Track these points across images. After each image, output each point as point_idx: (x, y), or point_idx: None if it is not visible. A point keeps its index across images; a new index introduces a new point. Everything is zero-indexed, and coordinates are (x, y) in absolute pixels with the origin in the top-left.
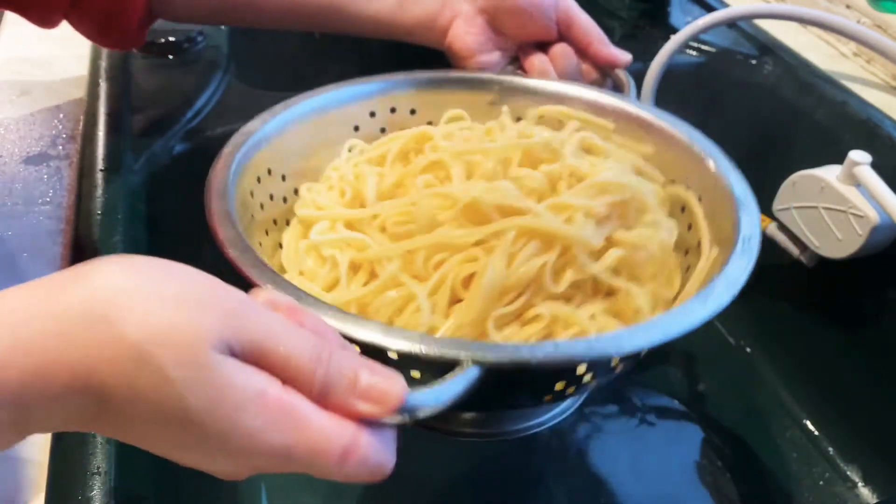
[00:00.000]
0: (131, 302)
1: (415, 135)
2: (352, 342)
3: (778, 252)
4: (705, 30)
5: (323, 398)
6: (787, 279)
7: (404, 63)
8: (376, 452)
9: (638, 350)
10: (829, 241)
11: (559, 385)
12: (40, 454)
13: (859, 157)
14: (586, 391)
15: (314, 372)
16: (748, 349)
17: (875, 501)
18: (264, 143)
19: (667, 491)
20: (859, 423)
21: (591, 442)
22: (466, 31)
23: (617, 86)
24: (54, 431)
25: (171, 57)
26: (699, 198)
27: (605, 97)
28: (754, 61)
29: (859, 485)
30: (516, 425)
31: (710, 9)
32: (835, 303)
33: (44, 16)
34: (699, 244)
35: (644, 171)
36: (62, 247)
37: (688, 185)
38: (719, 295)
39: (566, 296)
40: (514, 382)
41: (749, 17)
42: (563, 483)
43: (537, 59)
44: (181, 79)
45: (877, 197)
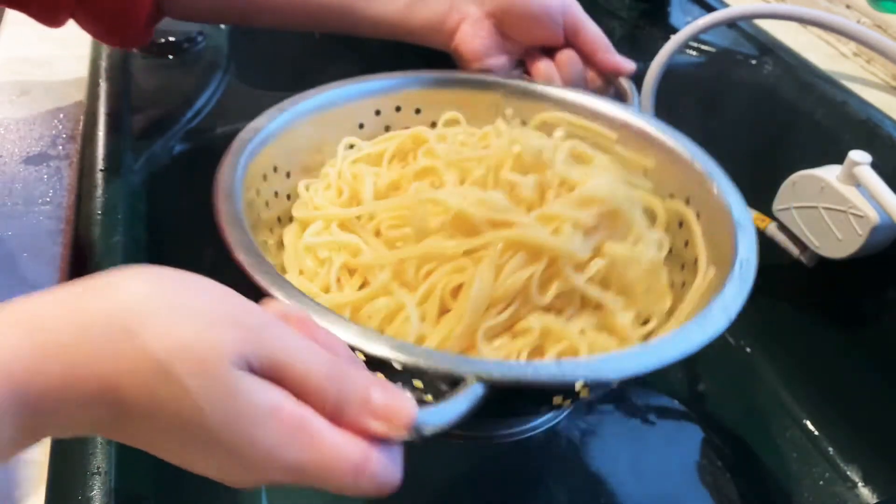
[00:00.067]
0: (155, 315)
1: (411, 135)
2: (356, 351)
3: (778, 252)
4: (705, 30)
5: (336, 416)
6: (787, 279)
7: (404, 63)
8: (385, 468)
9: (637, 374)
10: (829, 241)
11: (557, 399)
12: (40, 454)
13: (859, 157)
14: (582, 403)
15: (329, 390)
16: (748, 349)
17: (875, 501)
18: (271, 140)
19: (667, 491)
20: (859, 423)
21: (591, 442)
22: (474, 35)
23: (620, 94)
24: (69, 437)
25: (171, 57)
26: (698, 214)
27: (609, 106)
28: (754, 61)
29: (859, 485)
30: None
31: (710, 9)
32: (835, 303)
33: (50, 15)
34: (696, 261)
35: (631, 181)
36: (62, 247)
37: (687, 201)
38: (716, 320)
39: (557, 307)
40: (514, 397)
41: (749, 17)
42: (563, 483)
43: (543, 64)
44: (181, 79)
45: (877, 197)
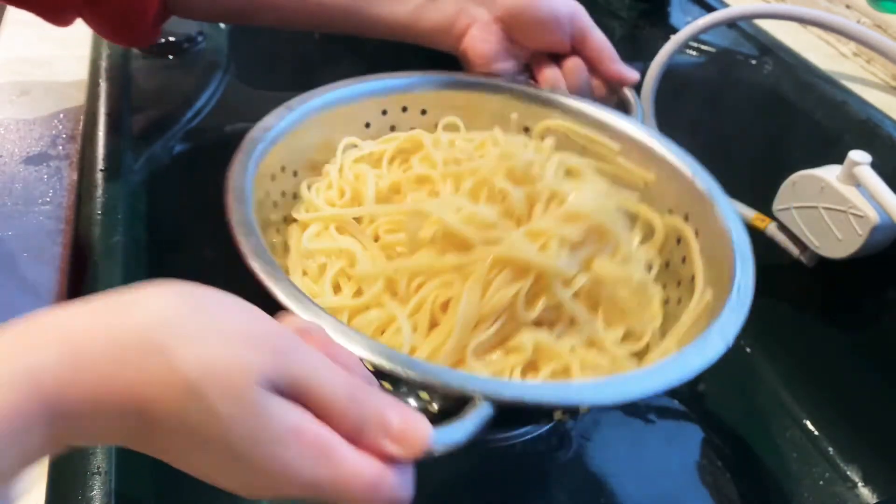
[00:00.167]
0: (186, 335)
1: (409, 138)
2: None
3: (778, 252)
4: (705, 30)
5: (355, 436)
6: (787, 279)
7: (404, 64)
8: (399, 487)
9: (639, 398)
10: (829, 241)
11: (557, 414)
12: None
13: (859, 157)
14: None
15: (349, 412)
16: (748, 349)
17: (875, 501)
18: (280, 139)
19: (667, 491)
20: (859, 423)
21: (591, 442)
22: (483, 39)
23: (623, 104)
24: (93, 446)
25: (171, 57)
26: (696, 232)
27: (613, 117)
28: (754, 61)
29: (859, 485)
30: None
31: (710, 9)
32: (835, 303)
33: (58, 14)
34: (693, 278)
35: (620, 195)
36: (62, 247)
37: (686, 218)
38: (715, 346)
39: (549, 322)
40: (518, 414)
41: (749, 17)
42: (563, 483)
43: (550, 71)
44: (181, 79)
45: (877, 197)
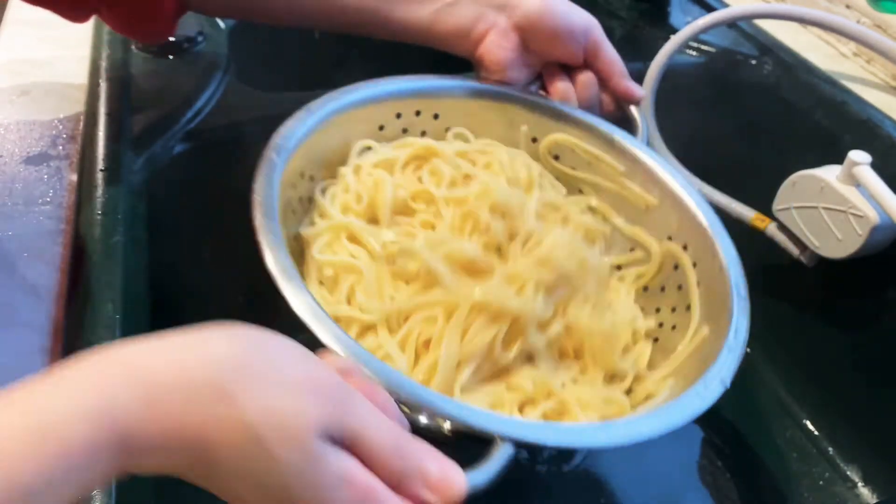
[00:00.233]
0: (252, 382)
1: (423, 146)
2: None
3: (778, 252)
4: (705, 30)
5: (397, 484)
6: (787, 279)
7: (405, 64)
8: None
9: (648, 439)
10: (829, 241)
11: None
12: None
13: (859, 157)
14: None
15: (393, 462)
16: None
17: (875, 501)
18: (300, 145)
19: (667, 491)
20: (859, 423)
21: None
22: (500, 45)
23: (630, 123)
24: (149, 475)
25: (171, 57)
26: (694, 263)
27: (621, 137)
28: (754, 61)
29: (859, 485)
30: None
31: (710, 9)
32: (835, 303)
33: (75, 11)
34: (688, 307)
35: (603, 236)
36: (62, 247)
37: (685, 247)
38: (714, 389)
39: (550, 346)
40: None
41: (749, 17)
42: (563, 483)
43: (562, 84)
44: (181, 79)
45: (876, 197)
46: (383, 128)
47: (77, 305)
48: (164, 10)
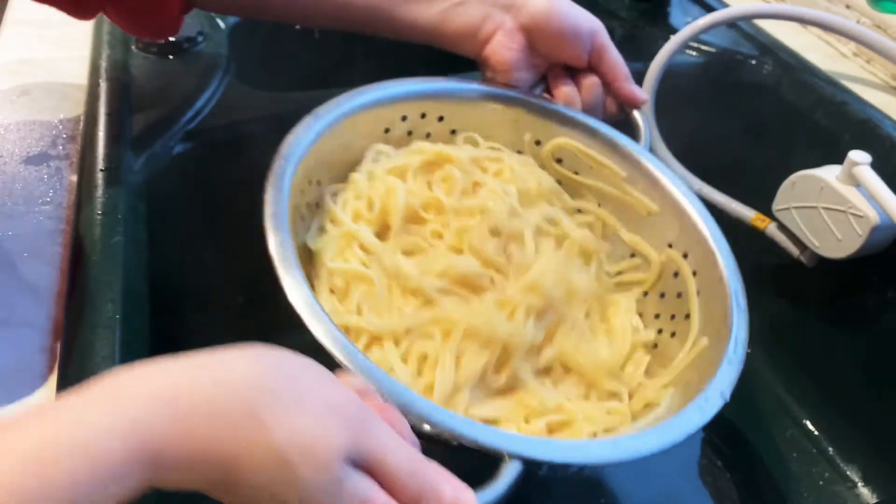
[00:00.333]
0: (278, 404)
1: (437, 153)
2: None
3: (778, 252)
4: (705, 30)
5: None
6: (787, 279)
7: (404, 66)
8: None
9: (652, 454)
10: (829, 241)
11: None
12: None
13: (859, 158)
14: None
15: (410, 485)
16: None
17: (875, 501)
18: (308, 151)
19: (667, 491)
20: (859, 423)
21: None
22: (507, 46)
23: (632, 128)
24: (174, 489)
25: (171, 57)
26: (694, 272)
27: (624, 142)
28: (754, 61)
29: (859, 485)
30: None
31: (710, 9)
32: (835, 303)
33: (81, 8)
34: (687, 316)
35: (600, 253)
36: (62, 247)
37: (685, 255)
38: (714, 403)
39: (546, 369)
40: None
41: (749, 17)
42: (564, 482)
43: (566, 87)
44: (181, 79)
45: (876, 197)
46: (389, 130)
47: (77, 305)
48: (170, 7)
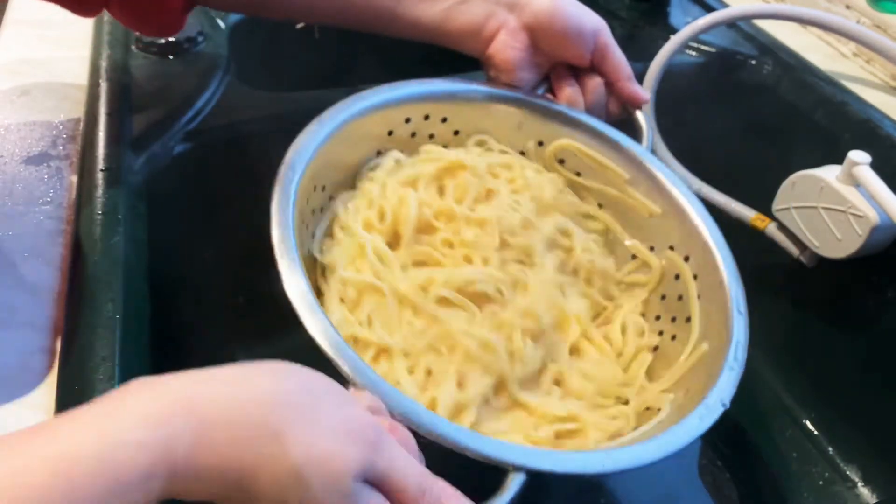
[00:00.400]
0: (298, 422)
1: (451, 162)
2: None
3: (778, 252)
4: (705, 30)
5: None
6: (787, 279)
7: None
8: None
9: (651, 463)
10: (829, 241)
11: None
12: None
13: (859, 158)
14: None
15: (419, 501)
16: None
17: (875, 501)
18: (313, 159)
19: (667, 491)
20: (859, 423)
21: None
22: (510, 45)
23: (635, 127)
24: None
25: (171, 57)
26: (695, 276)
27: (627, 143)
28: (754, 61)
29: (859, 485)
30: None
31: (710, 9)
32: (835, 303)
33: (83, 5)
34: (688, 319)
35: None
36: (62, 247)
37: (686, 259)
38: (714, 410)
39: (556, 381)
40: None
41: (749, 17)
42: (564, 483)
43: (569, 88)
44: (181, 79)
45: (876, 197)
46: (392, 133)
47: (77, 305)
48: (173, 3)
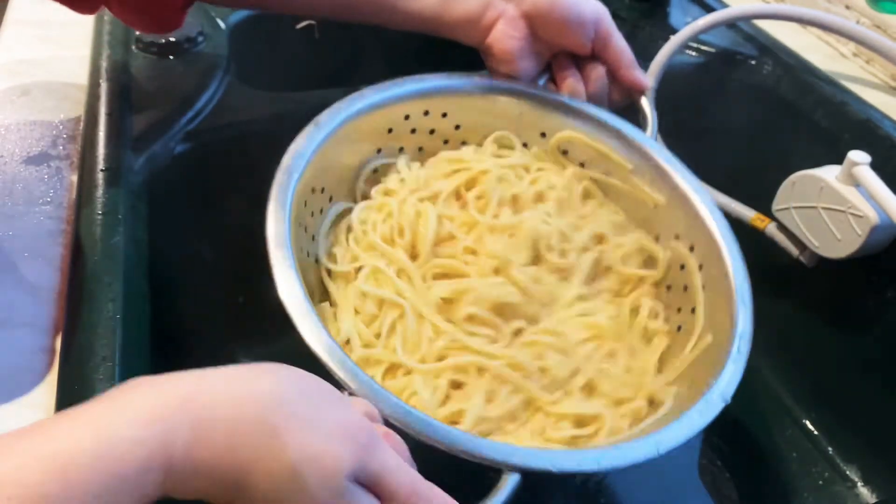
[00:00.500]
0: (295, 422)
1: (474, 174)
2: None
3: (778, 252)
4: (705, 30)
5: None
6: (787, 279)
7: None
8: None
9: (648, 460)
10: (829, 241)
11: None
12: None
13: (859, 158)
14: None
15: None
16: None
17: (875, 501)
18: (311, 162)
19: (667, 491)
20: (859, 423)
21: None
22: (509, 35)
23: (639, 115)
24: (184, 498)
25: (171, 57)
26: (700, 266)
27: (630, 132)
28: (754, 61)
29: (859, 485)
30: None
31: (710, 9)
32: (835, 303)
33: (83, 2)
34: (693, 310)
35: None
36: (62, 247)
37: (691, 248)
38: (715, 405)
39: (586, 387)
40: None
41: (749, 18)
42: (563, 483)
43: (571, 78)
44: (181, 79)
45: (876, 197)
46: (392, 130)
47: (77, 305)
48: (174, 2)
